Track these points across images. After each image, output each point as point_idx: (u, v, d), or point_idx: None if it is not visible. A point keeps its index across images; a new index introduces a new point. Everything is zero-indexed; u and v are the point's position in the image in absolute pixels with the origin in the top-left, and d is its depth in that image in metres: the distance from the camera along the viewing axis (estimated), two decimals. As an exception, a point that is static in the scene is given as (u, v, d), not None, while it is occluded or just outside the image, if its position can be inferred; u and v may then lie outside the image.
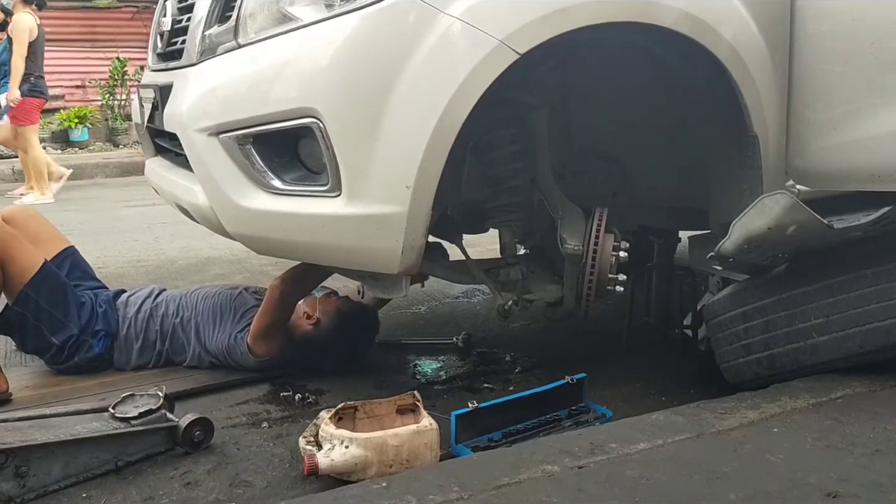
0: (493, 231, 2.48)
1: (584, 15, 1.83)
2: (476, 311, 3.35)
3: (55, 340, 2.47)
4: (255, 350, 2.47)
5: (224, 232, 2.03)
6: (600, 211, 2.16)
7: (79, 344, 2.50)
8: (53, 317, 2.46)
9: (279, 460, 1.98)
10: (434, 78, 1.77)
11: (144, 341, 2.56)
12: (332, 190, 1.84)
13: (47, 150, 9.27)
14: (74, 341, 2.49)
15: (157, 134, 2.45)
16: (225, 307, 2.59)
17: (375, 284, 2.12)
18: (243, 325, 2.52)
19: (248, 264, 3.99)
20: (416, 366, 2.70)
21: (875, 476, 1.55)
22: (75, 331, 2.49)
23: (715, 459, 1.62)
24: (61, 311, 2.48)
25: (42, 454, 1.81)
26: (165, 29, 2.38)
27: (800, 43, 2.07)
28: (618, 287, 2.16)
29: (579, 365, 2.26)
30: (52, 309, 2.46)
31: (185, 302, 2.62)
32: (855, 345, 1.95)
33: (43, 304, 2.45)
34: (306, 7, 1.88)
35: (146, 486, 1.85)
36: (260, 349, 2.47)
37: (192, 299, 2.63)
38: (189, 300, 2.63)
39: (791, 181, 2.15)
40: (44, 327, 2.46)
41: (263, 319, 2.47)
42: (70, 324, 2.48)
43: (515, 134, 2.18)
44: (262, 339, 2.47)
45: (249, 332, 2.48)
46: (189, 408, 2.16)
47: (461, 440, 1.96)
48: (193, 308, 2.60)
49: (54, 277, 2.53)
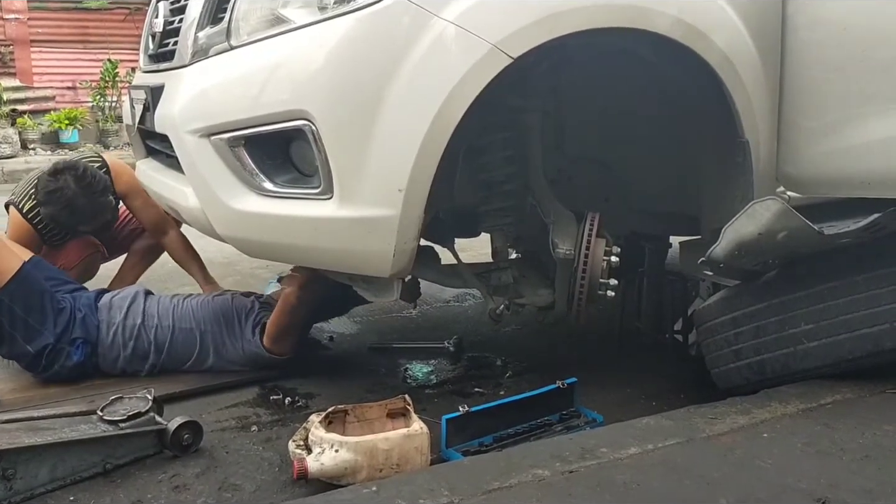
0: (484, 235, 2.48)
1: (578, 20, 1.84)
2: (467, 315, 3.35)
3: (30, 349, 2.40)
4: (274, 349, 2.50)
5: (215, 234, 2.02)
6: (592, 216, 2.16)
7: (56, 352, 2.42)
8: (28, 324, 2.39)
9: (268, 464, 1.97)
10: (427, 81, 1.77)
11: (135, 350, 2.50)
12: (323, 192, 1.84)
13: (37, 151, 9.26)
14: (51, 350, 2.41)
15: (149, 135, 2.44)
16: (227, 312, 2.57)
17: (367, 287, 2.12)
18: (257, 327, 2.52)
19: (238, 267, 3.97)
20: (407, 370, 2.70)
21: (864, 482, 1.55)
22: (51, 339, 2.41)
23: (705, 464, 1.62)
24: (36, 318, 2.41)
25: (29, 457, 1.80)
26: (157, 30, 2.38)
27: (791, 50, 2.08)
28: (609, 292, 2.17)
29: (570, 369, 2.26)
30: (27, 316, 2.39)
31: (178, 313, 2.56)
32: (845, 351, 1.96)
33: (18, 310, 2.38)
34: (299, 9, 1.88)
35: (134, 489, 1.84)
36: (278, 347, 2.50)
37: (186, 310, 2.57)
38: (184, 311, 2.57)
39: (782, 187, 2.15)
40: (18, 335, 2.39)
41: (282, 321, 2.48)
42: (45, 332, 2.41)
43: (508, 138, 2.19)
44: (281, 339, 2.49)
45: (265, 334, 2.49)
46: (178, 411, 2.15)
47: (452, 444, 1.96)
48: (192, 318, 2.55)
49: (31, 282, 2.44)
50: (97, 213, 2.91)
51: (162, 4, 2.37)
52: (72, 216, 2.85)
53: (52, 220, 2.87)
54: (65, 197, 2.78)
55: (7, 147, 8.84)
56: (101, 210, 2.91)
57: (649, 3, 1.89)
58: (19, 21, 10.09)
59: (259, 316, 2.56)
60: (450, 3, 1.77)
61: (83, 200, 2.80)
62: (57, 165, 2.85)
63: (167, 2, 2.35)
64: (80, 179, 2.80)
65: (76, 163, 2.88)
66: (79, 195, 2.79)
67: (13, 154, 8.86)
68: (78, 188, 2.79)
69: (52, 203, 2.80)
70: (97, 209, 2.89)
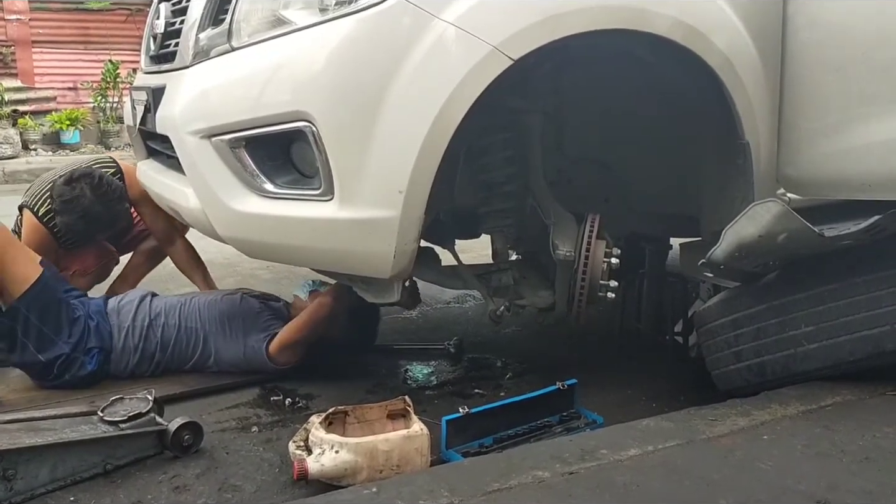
0: (485, 236, 2.48)
1: (578, 22, 1.84)
2: (468, 317, 3.35)
3: (41, 358, 2.39)
4: (279, 359, 2.48)
5: (215, 235, 2.02)
6: (592, 217, 2.16)
7: (69, 362, 2.42)
8: (42, 333, 2.39)
9: (269, 465, 1.97)
10: (428, 83, 1.77)
11: (143, 351, 2.50)
12: (324, 194, 1.84)
13: (38, 152, 9.27)
14: (65, 360, 2.41)
15: (150, 136, 2.44)
16: (232, 315, 2.57)
17: (367, 289, 2.12)
18: (261, 333, 2.50)
19: (239, 268, 3.98)
20: (408, 371, 2.70)
21: (864, 483, 1.55)
22: (66, 350, 2.40)
23: (705, 466, 1.62)
24: (52, 327, 2.40)
25: (30, 457, 1.80)
26: (159, 31, 2.38)
27: (791, 51, 2.08)
28: (609, 293, 2.17)
29: (570, 371, 2.26)
30: (41, 325, 2.39)
31: (186, 311, 2.57)
32: (845, 352, 1.96)
33: (33, 319, 2.38)
34: (300, 11, 1.88)
35: (135, 489, 1.84)
36: (285, 357, 2.48)
37: (192, 309, 2.58)
38: (190, 310, 2.58)
39: (782, 189, 2.16)
40: (30, 343, 2.38)
41: (303, 332, 2.47)
42: (60, 342, 2.40)
43: (508, 139, 2.19)
44: (292, 349, 2.48)
45: (275, 341, 2.47)
46: (178, 411, 2.15)
47: (452, 445, 1.96)
48: (198, 318, 2.56)
49: (50, 291, 2.45)
50: (113, 221, 2.90)
51: (163, 6, 2.37)
52: (88, 225, 2.84)
53: (69, 228, 2.85)
54: (81, 206, 2.76)
55: (8, 148, 8.84)
56: (116, 218, 2.90)
57: (649, 4, 1.89)
58: (21, 22, 10.09)
59: (268, 323, 2.54)
60: (450, 4, 1.77)
61: (99, 209, 2.79)
62: (73, 173, 2.82)
63: (169, 3, 2.36)
64: (97, 188, 2.78)
65: (92, 171, 2.86)
66: (95, 204, 2.77)
67: (14, 155, 8.86)
68: (94, 197, 2.77)
69: (69, 212, 2.78)
70: (113, 217, 2.88)
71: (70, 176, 2.81)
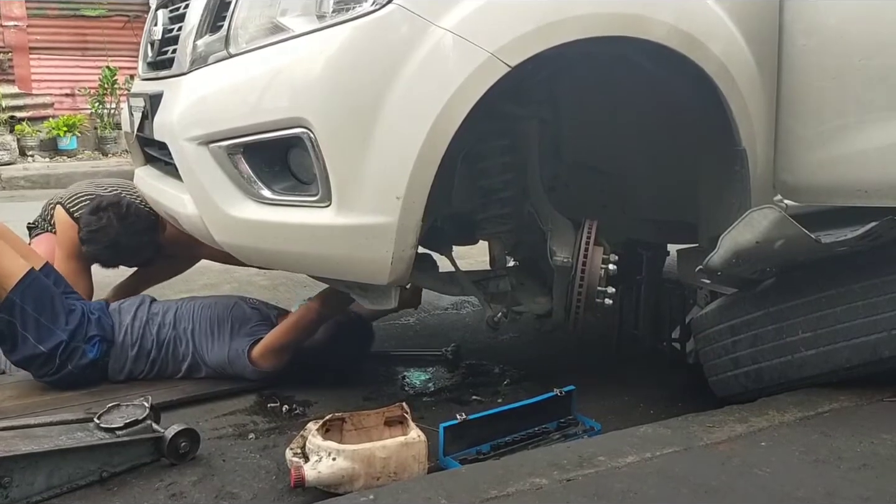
0: (482, 242, 2.48)
1: (576, 28, 1.84)
2: (465, 323, 3.35)
3: (42, 348, 2.41)
4: (262, 363, 2.47)
5: (213, 241, 2.02)
6: (590, 223, 2.16)
7: (70, 350, 2.43)
8: (40, 324, 2.41)
9: (266, 472, 1.96)
10: (425, 89, 1.77)
11: (140, 349, 2.52)
12: (321, 200, 1.84)
13: (35, 158, 9.26)
14: (65, 348, 2.42)
15: (147, 143, 2.44)
16: (223, 318, 2.57)
17: (365, 295, 2.11)
18: (246, 338, 2.50)
19: (236, 274, 3.97)
20: (405, 377, 2.69)
21: (862, 490, 1.55)
22: (64, 337, 2.42)
23: (703, 473, 1.62)
24: (48, 317, 2.42)
25: (26, 464, 1.79)
26: (156, 38, 2.38)
27: (788, 58, 2.09)
28: (607, 300, 2.17)
29: (568, 377, 2.26)
30: (38, 316, 2.41)
31: (181, 313, 2.59)
32: (842, 359, 1.96)
33: (29, 310, 2.39)
34: (298, 18, 1.88)
35: (131, 497, 1.84)
36: (268, 362, 2.47)
37: (188, 310, 2.61)
38: (185, 311, 2.60)
39: (779, 195, 2.16)
40: (30, 335, 2.40)
41: (288, 336, 2.46)
42: (58, 331, 2.43)
43: (506, 145, 2.19)
44: (275, 354, 2.47)
45: (259, 346, 2.46)
46: (175, 418, 2.15)
47: (449, 452, 1.95)
48: (190, 319, 2.57)
49: (41, 283, 2.47)
50: (139, 253, 2.89)
51: (161, 12, 2.38)
52: (114, 255, 2.84)
53: (95, 257, 2.86)
54: (107, 236, 2.76)
55: (5, 154, 8.84)
56: (143, 249, 2.88)
57: (646, 11, 1.90)
58: (18, 28, 10.10)
59: (256, 329, 2.55)
60: (448, 11, 1.78)
61: (125, 240, 2.78)
62: (101, 202, 2.81)
63: (166, 9, 2.36)
64: (124, 218, 2.77)
65: (120, 199, 2.84)
66: (122, 235, 2.77)
67: (11, 161, 8.87)
68: (121, 227, 2.76)
69: (95, 242, 2.78)
70: (139, 249, 2.86)
71: (98, 205, 2.80)
